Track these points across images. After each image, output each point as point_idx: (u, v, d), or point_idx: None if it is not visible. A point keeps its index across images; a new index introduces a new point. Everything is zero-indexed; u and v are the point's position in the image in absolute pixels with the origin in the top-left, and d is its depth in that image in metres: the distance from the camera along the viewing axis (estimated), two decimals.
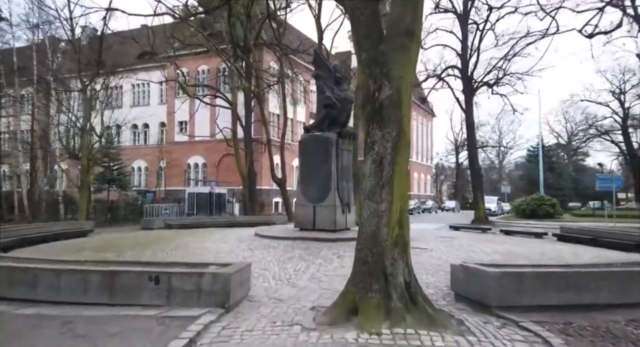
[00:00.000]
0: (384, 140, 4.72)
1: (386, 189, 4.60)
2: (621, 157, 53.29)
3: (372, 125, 4.81)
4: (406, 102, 4.89)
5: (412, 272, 4.68)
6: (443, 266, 8.15)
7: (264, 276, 7.34)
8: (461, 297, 5.36)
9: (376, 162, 4.71)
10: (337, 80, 13.30)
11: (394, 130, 4.74)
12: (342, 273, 7.62)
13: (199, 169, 36.80)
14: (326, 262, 8.67)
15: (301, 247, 10.43)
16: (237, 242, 11.68)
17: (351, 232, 12.92)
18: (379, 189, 4.62)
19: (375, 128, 4.78)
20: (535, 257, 9.64)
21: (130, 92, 38.93)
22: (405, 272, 4.54)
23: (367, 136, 4.88)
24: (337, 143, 12.77)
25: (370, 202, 4.62)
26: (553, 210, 28.57)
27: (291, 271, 7.78)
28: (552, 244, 13.48)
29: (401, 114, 4.81)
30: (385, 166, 4.66)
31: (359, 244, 4.69)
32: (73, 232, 14.49)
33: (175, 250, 10.35)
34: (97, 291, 5.00)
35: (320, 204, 12.62)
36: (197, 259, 8.99)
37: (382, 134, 4.74)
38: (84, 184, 20.13)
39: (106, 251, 10.27)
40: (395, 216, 4.61)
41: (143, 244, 11.80)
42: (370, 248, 4.51)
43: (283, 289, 6.45)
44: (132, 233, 16.32)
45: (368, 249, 4.53)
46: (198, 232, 15.09)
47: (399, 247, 4.56)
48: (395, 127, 4.75)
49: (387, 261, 4.45)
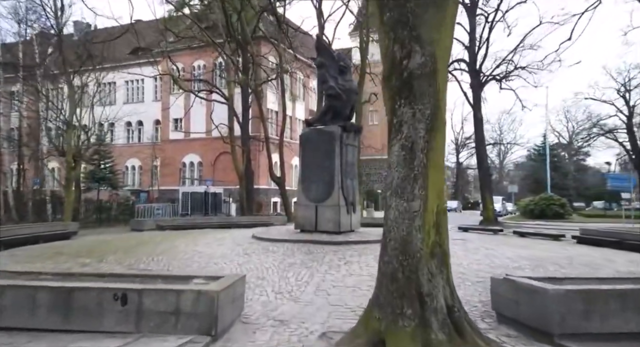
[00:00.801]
0: (415, 120, 3.67)
1: (419, 183, 3.55)
2: (625, 156, 52.34)
3: (400, 101, 3.75)
4: (442, 72, 3.83)
5: (454, 291, 3.63)
6: (468, 275, 7.11)
7: (262, 288, 6.27)
8: (506, 318, 4.31)
9: (405, 148, 3.65)
10: (341, 70, 12.24)
11: (427, 107, 3.69)
12: (352, 283, 6.58)
13: (194, 167, 35.67)
14: (332, 269, 7.61)
15: (303, 252, 9.40)
16: (233, 245, 10.64)
17: (357, 234, 11.90)
18: (409, 183, 3.56)
19: (403, 105, 3.73)
20: (564, 263, 8.60)
21: (123, 88, 37.80)
22: (447, 291, 3.49)
23: (392, 116, 3.82)
24: (341, 137, 11.75)
25: (399, 200, 3.56)
26: (563, 210, 27.55)
27: (293, 281, 6.72)
28: (573, 247, 12.45)
29: (437, 87, 3.76)
30: (418, 153, 3.61)
31: (385, 255, 3.62)
32: (55, 234, 13.40)
33: (163, 255, 9.28)
34: (48, 313, 3.92)
35: (323, 203, 11.62)
36: (186, 266, 7.95)
37: (413, 112, 3.68)
38: (69, 182, 18.99)
39: (86, 256, 9.20)
40: (431, 217, 3.55)
41: (128, 247, 10.73)
42: (401, 260, 3.45)
43: (284, 305, 5.38)
44: (120, 235, 15.25)
45: (397, 262, 3.46)
46: (191, 234, 14.04)
47: (437, 258, 3.51)
48: (429, 104, 3.70)
49: (422, 277, 3.39)
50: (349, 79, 12.90)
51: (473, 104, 23.77)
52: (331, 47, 14.10)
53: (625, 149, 49.43)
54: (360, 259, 8.57)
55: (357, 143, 12.96)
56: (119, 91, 37.12)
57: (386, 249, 3.61)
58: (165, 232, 15.95)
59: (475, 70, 23.12)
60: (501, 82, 23.43)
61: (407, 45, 3.78)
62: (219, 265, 8.05)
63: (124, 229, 18.80)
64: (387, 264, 3.55)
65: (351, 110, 12.76)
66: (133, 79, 36.87)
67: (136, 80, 37.56)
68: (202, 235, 13.47)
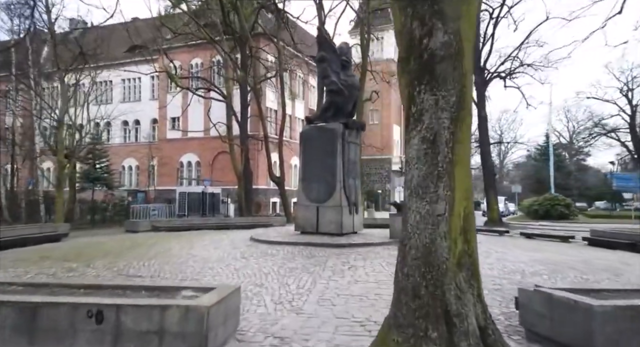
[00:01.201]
0: (438, 108, 3.14)
1: (444, 182, 3.02)
2: (627, 156, 51.86)
3: (419, 87, 3.22)
4: (468, 53, 3.31)
5: (487, 310, 3.10)
6: (484, 282, 6.56)
7: (260, 297, 5.74)
8: (538, 336, 3.78)
9: (427, 141, 3.12)
10: (343, 64, 11.75)
11: (452, 93, 3.17)
12: (359, 292, 6.05)
13: (192, 167, 35.11)
14: (336, 275, 7.09)
15: (304, 255, 8.90)
16: (230, 248, 10.14)
17: (360, 236, 11.40)
18: (432, 181, 3.04)
19: (424, 91, 3.20)
20: (582, 268, 8.08)
21: (120, 86, 37.22)
22: (479, 310, 2.96)
23: (409, 104, 3.29)
24: (343, 135, 11.27)
25: (420, 202, 3.04)
26: (568, 211, 27.02)
27: (294, 288, 6.19)
28: (586, 249, 11.95)
29: (462, 70, 3.24)
30: (441, 147, 3.08)
31: (404, 266, 3.08)
32: (45, 236, 12.85)
33: (155, 258, 8.76)
34: (12, 333, 3.40)
35: (325, 204, 11.16)
36: (179, 271, 7.42)
37: (435, 99, 3.16)
38: (60, 182, 18.41)
39: (73, 260, 8.67)
40: (458, 222, 3.03)
41: (120, 250, 10.22)
42: (423, 273, 2.92)
43: (284, 317, 4.85)
44: (113, 237, 14.72)
45: (419, 275, 2.94)
46: (187, 236, 13.54)
47: (466, 270, 2.98)
48: (454, 90, 3.18)
49: (449, 293, 2.86)
50: (351, 74, 12.40)
51: (477, 102, 23.26)
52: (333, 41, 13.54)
53: (627, 148, 48.96)
54: (365, 263, 8.06)
55: (359, 141, 12.45)
56: (116, 90, 36.56)
57: (405, 260, 3.07)
58: (160, 233, 15.43)
59: (480, 67, 22.61)
60: (505, 79, 22.90)
61: (428, 21, 3.25)
62: (214, 270, 7.53)
63: (119, 230, 18.26)
64: (407, 277, 3.01)
65: (353, 107, 12.26)
66: (130, 77, 36.33)
67: (133, 79, 36.99)
68: (198, 237, 12.98)
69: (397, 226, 11.02)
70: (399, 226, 10.96)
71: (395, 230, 10.96)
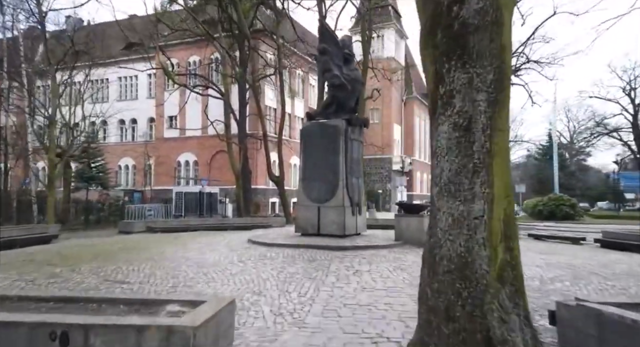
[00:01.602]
0: (473, 89, 2.60)
1: (481, 177, 2.48)
2: (629, 155, 51.40)
3: (449, 63, 2.68)
4: (508, 24, 2.76)
5: (537, 336, 2.55)
6: None
7: (257, 307, 5.19)
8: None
9: (459, 128, 2.58)
10: (345, 58, 11.21)
11: (489, 71, 2.62)
12: (367, 300, 5.50)
13: (189, 167, 34.52)
14: (340, 281, 6.54)
15: (305, 258, 8.35)
16: (227, 250, 9.60)
17: (363, 238, 10.86)
18: (467, 176, 2.50)
19: (454, 69, 2.65)
20: (605, 273, 7.54)
21: (116, 85, 36.61)
22: (527, 336, 2.41)
23: (436, 84, 2.74)
24: (345, 132, 10.74)
25: (452, 201, 2.49)
26: (573, 211, 26.46)
27: (295, 297, 5.65)
28: (600, 252, 11.42)
29: (501, 42, 2.69)
30: (478, 135, 2.54)
31: (434, 280, 2.53)
32: (34, 238, 12.29)
33: (147, 262, 8.21)
34: None
35: (326, 204, 10.63)
36: (171, 277, 6.86)
37: (469, 77, 2.62)
38: (52, 181, 17.81)
39: (58, 264, 8.11)
40: (499, 226, 2.48)
41: (110, 253, 9.67)
42: (458, 289, 2.38)
43: (285, 332, 4.30)
44: (105, 238, 14.18)
45: (454, 292, 2.39)
46: (182, 237, 13.01)
47: (510, 285, 2.44)
48: (492, 66, 2.63)
49: (491, 314, 2.32)
50: (354, 68, 11.87)
51: None
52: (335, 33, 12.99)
53: (629, 148, 48.51)
54: (371, 267, 7.51)
55: (362, 138, 11.90)
56: (112, 88, 35.96)
57: (435, 272, 2.52)
58: (155, 235, 14.91)
59: None
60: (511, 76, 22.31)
61: None
62: (208, 276, 6.97)
63: (113, 231, 17.70)
64: (438, 295, 2.46)
65: (356, 103, 11.73)
66: (126, 75, 35.75)
67: (129, 77, 36.41)
68: (194, 238, 12.45)
69: (402, 227, 10.50)
70: (404, 227, 10.50)
71: (401, 231, 10.43)
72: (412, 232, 10.25)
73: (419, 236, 10.16)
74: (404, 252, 9.24)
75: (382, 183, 47.24)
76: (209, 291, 5.96)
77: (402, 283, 6.45)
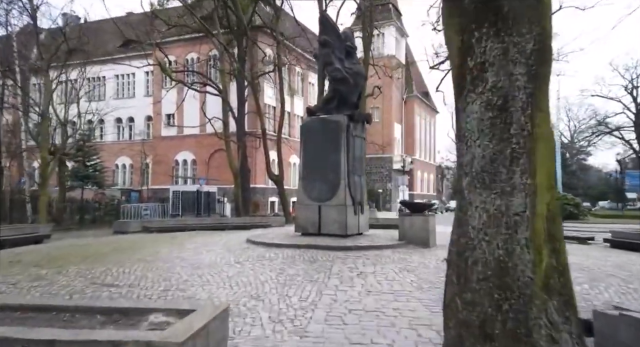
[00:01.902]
0: (509, 61, 2.19)
1: (522, 165, 2.07)
2: (631, 154, 51.05)
3: (479, 31, 2.26)
4: None
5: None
6: None
7: (255, 313, 4.78)
8: None
9: (494, 107, 2.16)
10: (347, 51, 10.79)
11: (528, 39, 2.21)
12: (373, 305, 5.09)
13: (187, 166, 34.08)
14: (344, 284, 6.14)
15: (306, 259, 7.95)
16: (224, 251, 9.20)
17: (366, 237, 10.45)
18: (504, 164, 2.08)
19: (487, 37, 2.24)
20: (622, 275, 7.14)
21: (113, 82, 36.14)
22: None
23: (463, 56, 2.33)
24: (348, 128, 10.33)
25: (487, 194, 2.08)
26: (577, 211, 26.05)
27: (296, 302, 5.24)
28: (611, 252, 11.03)
29: (542, 7, 2.27)
30: (516, 115, 2.13)
31: (466, 290, 2.11)
32: (24, 238, 11.86)
33: (139, 263, 7.79)
34: None
35: (327, 202, 10.23)
36: (163, 279, 6.44)
37: (504, 48, 2.20)
38: (44, 180, 17.34)
39: (45, 266, 7.69)
40: (542, 224, 2.07)
41: (102, 254, 9.26)
42: (497, 300, 1.96)
43: (285, 342, 3.90)
44: (99, 238, 13.77)
45: (492, 303, 1.98)
46: (178, 237, 12.59)
47: (558, 296, 2.02)
48: (531, 34, 2.22)
49: (538, 331, 1.90)
50: (356, 61, 11.45)
51: None
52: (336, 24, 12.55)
53: (631, 146, 48.16)
54: (375, 269, 7.11)
55: (365, 135, 11.49)
56: (109, 85, 35.50)
57: (468, 279, 2.10)
58: (151, 235, 14.49)
59: None
60: None
61: None
62: (203, 278, 6.56)
63: (108, 231, 17.27)
64: (472, 307, 2.04)
65: (359, 97, 11.32)
66: (123, 73, 35.31)
67: (127, 75, 35.96)
68: (190, 238, 12.03)
69: (406, 226, 10.09)
70: (408, 227, 10.07)
71: (405, 231, 10.02)
72: (416, 232, 9.86)
73: (423, 235, 9.78)
74: (409, 252, 8.85)
75: (382, 182, 46.86)
76: (203, 295, 5.55)
77: (409, 286, 6.04)
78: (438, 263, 7.82)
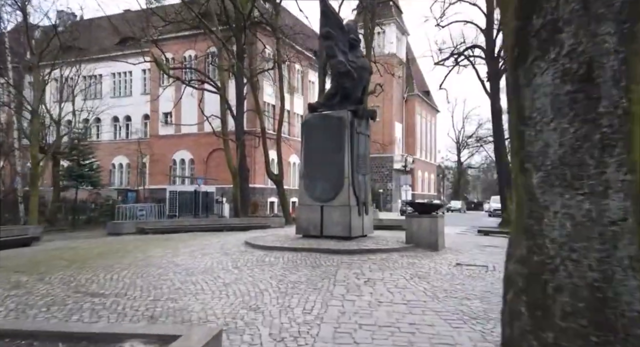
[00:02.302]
0: (591, 17, 1.63)
1: (616, 154, 1.51)
2: None
3: None
4: None
5: None
6: None
7: (253, 328, 4.23)
8: None
9: (573, 76, 1.60)
10: (351, 44, 10.23)
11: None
12: (386, 319, 4.54)
13: (185, 165, 33.49)
14: (351, 292, 5.59)
15: (308, 264, 7.42)
16: (220, 254, 8.67)
17: (371, 240, 9.91)
18: (592, 154, 1.52)
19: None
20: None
21: (109, 81, 35.54)
22: None
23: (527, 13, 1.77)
24: (351, 124, 9.79)
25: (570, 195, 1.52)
26: None
27: (299, 314, 4.69)
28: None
29: None
30: (605, 87, 1.57)
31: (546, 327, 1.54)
32: (11, 240, 11.29)
33: (129, 268, 7.25)
34: None
35: (330, 203, 9.70)
36: (153, 288, 5.89)
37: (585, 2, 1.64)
38: (35, 179, 16.76)
39: (28, 272, 7.15)
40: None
41: (90, 257, 8.72)
42: (595, 344, 1.41)
43: None
44: (91, 240, 13.21)
45: (585, 345, 1.42)
46: (174, 239, 12.08)
47: None
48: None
49: None
50: (360, 54, 10.90)
51: (491, 94, 21.73)
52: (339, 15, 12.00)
53: None
54: (384, 275, 6.57)
55: (369, 132, 10.94)
56: (105, 84, 34.88)
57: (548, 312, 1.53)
58: (146, 236, 13.96)
59: (493, 56, 21.08)
60: None
61: None
62: (197, 286, 6.01)
63: (102, 232, 16.70)
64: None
65: (363, 92, 10.75)
66: (120, 71, 34.74)
67: (123, 73, 35.39)
68: (186, 240, 11.50)
69: (414, 228, 9.54)
70: (416, 229, 9.50)
71: (413, 233, 9.48)
72: (424, 234, 9.33)
73: (432, 238, 9.24)
74: (418, 256, 8.32)
75: (383, 182, 46.31)
76: (196, 307, 5.00)
77: (423, 295, 5.50)
78: (450, 269, 7.30)
